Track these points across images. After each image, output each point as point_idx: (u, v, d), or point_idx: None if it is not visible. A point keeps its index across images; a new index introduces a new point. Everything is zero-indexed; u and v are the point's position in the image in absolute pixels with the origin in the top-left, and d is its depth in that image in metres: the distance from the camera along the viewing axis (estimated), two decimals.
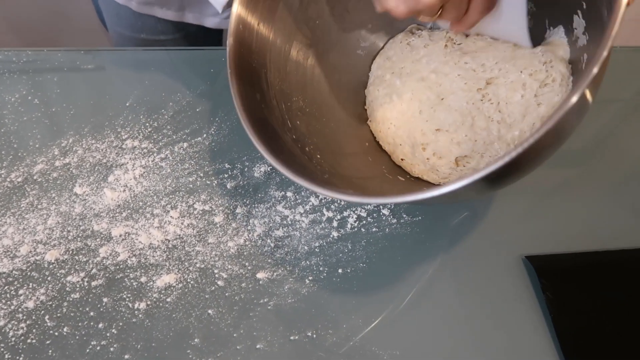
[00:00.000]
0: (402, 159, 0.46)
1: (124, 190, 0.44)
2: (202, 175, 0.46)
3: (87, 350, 0.36)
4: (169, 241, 0.42)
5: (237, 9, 0.41)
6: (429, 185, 0.46)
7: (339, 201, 0.46)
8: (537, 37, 0.43)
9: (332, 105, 0.48)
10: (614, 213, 0.49)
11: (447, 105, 0.44)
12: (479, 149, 0.43)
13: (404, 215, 0.46)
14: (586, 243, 0.46)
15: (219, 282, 0.40)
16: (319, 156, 0.44)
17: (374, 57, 0.51)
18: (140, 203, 0.44)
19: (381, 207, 0.46)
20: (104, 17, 0.70)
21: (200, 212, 0.44)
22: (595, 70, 0.28)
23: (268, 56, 0.44)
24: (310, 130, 0.46)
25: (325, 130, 0.47)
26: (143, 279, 0.40)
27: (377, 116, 0.47)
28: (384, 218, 0.45)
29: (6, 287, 0.38)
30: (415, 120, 0.45)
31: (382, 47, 0.51)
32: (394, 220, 0.45)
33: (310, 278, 0.41)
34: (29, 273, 0.39)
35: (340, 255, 0.43)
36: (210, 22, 0.62)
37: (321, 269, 0.42)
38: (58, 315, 0.37)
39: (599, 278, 0.44)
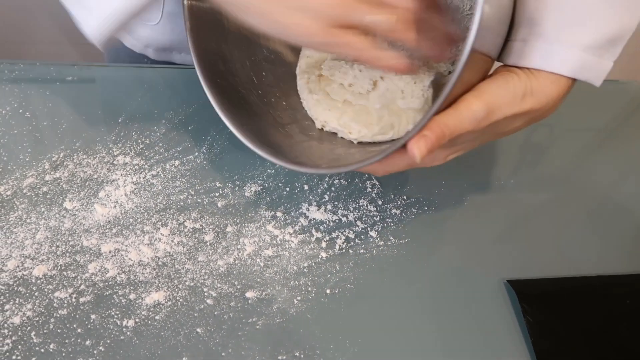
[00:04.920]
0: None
1: (115, 207, 0.44)
2: (193, 193, 0.47)
3: None
4: (158, 258, 0.42)
5: None
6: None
7: (327, 222, 0.47)
8: None
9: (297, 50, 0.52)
10: (589, 239, 0.51)
11: None
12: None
13: (391, 238, 0.47)
14: (564, 268, 0.48)
15: (208, 301, 0.41)
16: (284, 103, 0.48)
17: None
18: (131, 220, 0.44)
19: (369, 229, 0.47)
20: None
21: (191, 230, 0.44)
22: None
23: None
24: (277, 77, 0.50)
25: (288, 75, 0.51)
26: (132, 296, 0.40)
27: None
28: (371, 240, 0.46)
29: None
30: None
31: None
32: (381, 243, 0.46)
33: (298, 298, 0.42)
34: (15, 288, 0.39)
35: (329, 275, 0.44)
36: None
37: (309, 289, 0.43)
38: (45, 331, 0.37)
39: (577, 303, 0.45)
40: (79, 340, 0.37)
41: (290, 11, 0.33)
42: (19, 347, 0.36)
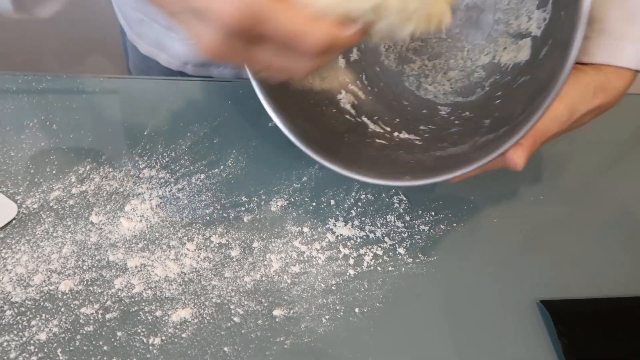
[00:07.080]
0: None
1: (141, 221, 0.44)
2: (219, 207, 0.46)
3: None
4: (185, 274, 0.41)
5: None
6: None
7: (355, 238, 0.46)
8: None
9: None
10: (624, 259, 0.50)
11: None
12: None
13: (420, 255, 0.46)
14: (598, 288, 0.47)
15: (235, 319, 0.40)
16: (334, 110, 0.48)
17: None
18: (157, 234, 0.43)
19: (397, 246, 0.46)
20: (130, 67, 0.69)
21: (217, 245, 0.44)
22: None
23: None
24: None
25: None
26: (158, 313, 0.39)
27: None
28: (399, 257, 0.45)
29: (18, 318, 0.37)
30: None
31: None
32: (410, 260, 0.45)
33: (327, 317, 0.41)
34: (42, 303, 0.38)
35: (357, 294, 0.43)
36: None
37: (338, 307, 0.42)
38: (71, 348, 0.36)
39: (615, 325, 0.44)
40: (105, 359, 0.36)
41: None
42: None
